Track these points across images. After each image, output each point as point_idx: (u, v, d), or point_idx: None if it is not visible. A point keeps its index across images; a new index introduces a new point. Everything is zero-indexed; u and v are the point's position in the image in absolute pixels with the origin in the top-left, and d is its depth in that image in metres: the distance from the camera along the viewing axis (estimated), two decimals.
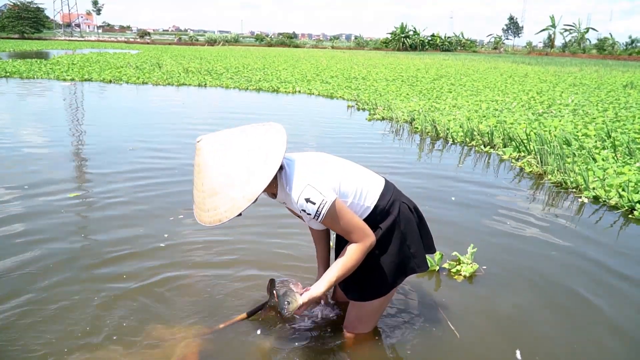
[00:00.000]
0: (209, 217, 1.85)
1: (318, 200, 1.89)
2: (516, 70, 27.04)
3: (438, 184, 5.37)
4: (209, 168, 1.83)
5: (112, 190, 4.71)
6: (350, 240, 2.03)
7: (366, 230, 2.04)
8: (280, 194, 2.04)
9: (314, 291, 1.99)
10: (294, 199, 1.92)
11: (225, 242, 3.61)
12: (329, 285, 2.00)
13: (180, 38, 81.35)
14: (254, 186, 1.80)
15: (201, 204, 1.87)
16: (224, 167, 1.82)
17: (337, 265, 2.03)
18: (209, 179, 1.83)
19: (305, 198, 1.89)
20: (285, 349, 2.43)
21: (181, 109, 10.51)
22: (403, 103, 11.30)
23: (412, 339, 2.57)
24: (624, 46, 75.98)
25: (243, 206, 1.80)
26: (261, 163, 1.83)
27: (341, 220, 1.97)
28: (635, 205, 4.63)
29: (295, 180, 1.93)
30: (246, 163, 1.83)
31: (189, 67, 20.79)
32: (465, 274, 3.28)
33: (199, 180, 1.87)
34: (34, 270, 3.09)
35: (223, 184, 1.81)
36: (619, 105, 11.65)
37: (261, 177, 1.82)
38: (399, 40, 75.53)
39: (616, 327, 2.79)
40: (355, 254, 2.02)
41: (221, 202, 1.81)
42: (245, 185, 1.80)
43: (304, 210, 1.92)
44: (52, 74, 16.06)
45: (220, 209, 1.81)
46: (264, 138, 1.90)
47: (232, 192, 1.80)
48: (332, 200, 1.92)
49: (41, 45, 42.17)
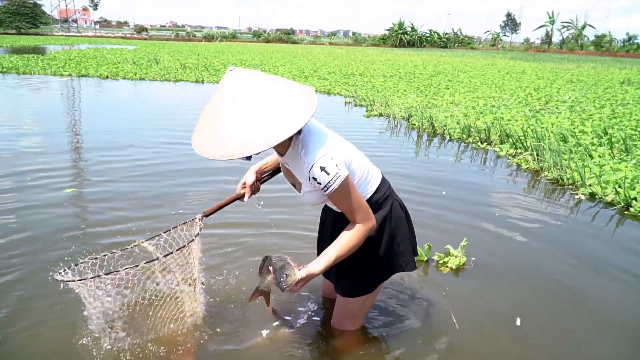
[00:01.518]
0: (220, 151, 1.69)
1: (333, 172, 1.85)
2: (514, 67, 27.06)
3: (434, 180, 5.37)
4: (235, 100, 1.70)
5: (107, 186, 4.71)
6: (352, 220, 2.00)
7: (369, 212, 2.02)
8: (289, 154, 1.96)
9: (312, 268, 1.94)
10: (308, 165, 1.86)
11: (228, 236, 3.61)
12: (328, 263, 1.96)
13: (178, 34, 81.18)
14: (279, 131, 1.69)
15: (212, 136, 1.72)
16: (254, 103, 1.70)
17: (337, 244, 1.99)
18: (234, 109, 1.70)
19: (321, 166, 1.84)
20: (280, 348, 2.44)
21: (179, 105, 10.50)
22: (400, 99, 11.30)
23: (401, 331, 2.59)
24: (621, 43, 76.09)
25: (261, 148, 1.67)
26: (292, 110, 1.74)
27: (349, 197, 1.94)
28: (631, 202, 4.64)
29: (314, 146, 1.87)
30: (279, 106, 1.72)
31: (186, 63, 20.75)
32: (452, 266, 3.33)
33: (220, 110, 1.72)
34: (27, 266, 3.09)
35: (249, 119, 1.68)
36: (615, 102, 11.67)
37: (289, 124, 1.71)
38: (396, 37, 75.57)
39: (612, 321, 2.80)
40: (357, 234, 1.99)
41: (240, 137, 1.68)
42: (271, 127, 1.69)
43: (315, 179, 1.86)
44: (49, 69, 16.01)
45: (233, 145, 1.68)
46: (298, 90, 1.82)
47: (256, 130, 1.68)
48: (345, 176, 1.89)
49: (38, 40, 42.02)
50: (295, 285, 1.91)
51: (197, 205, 4.28)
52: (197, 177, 5.09)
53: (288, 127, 1.70)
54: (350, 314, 2.40)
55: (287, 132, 1.69)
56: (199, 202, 4.39)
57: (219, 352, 2.37)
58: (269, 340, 2.48)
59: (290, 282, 1.88)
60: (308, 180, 1.91)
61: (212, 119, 1.73)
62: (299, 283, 1.91)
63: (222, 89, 1.73)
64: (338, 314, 2.44)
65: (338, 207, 2.02)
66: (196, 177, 5.11)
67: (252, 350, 2.41)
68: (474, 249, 3.59)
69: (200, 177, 5.11)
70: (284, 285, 1.88)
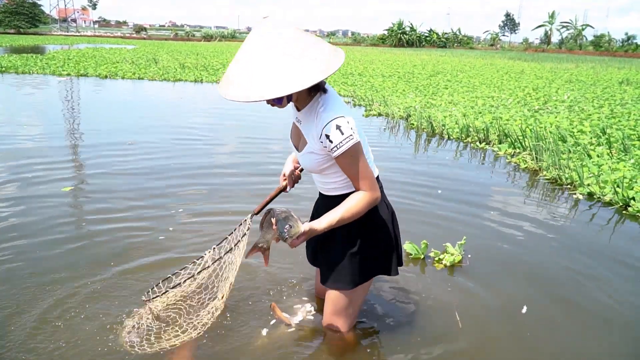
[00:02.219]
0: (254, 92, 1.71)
1: (347, 132, 1.86)
2: (512, 66, 27.07)
3: (432, 179, 5.37)
4: (271, 43, 1.73)
5: (106, 184, 4.71)
6: (358, 188, 1.99)
7: (376, 184, 2.02)
8: (306, 110, 1.98)
9: (315, 224, 1.94)
10: (324, 121, 1.87)
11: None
12: (330, 224, 1.96)
13: (177, 33, 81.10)
14: (312, 73, 1.72)
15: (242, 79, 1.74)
16: (288, 45, 1.73)
17: (342, 207, 1.99)
18: (267, 52, 1.72)
19: (337, 125, 1.86)
20: (277, 348, 2.44)
21: (178, 104, 10.51)
22: (399, 99, 11.31)
23: (397, 330, 2.59)
24: (620, 43, 76.15)
25: (296, 88, 1.70)
26: (326, 57, 1.77)
27: (358, 162, 1.94)
28: (629, 201, 4.65)
29: (334, 106, 1.90)
30: (311, 50, 1.75)
31: (185, 62, 20.74)
32: (446, 263, 3.36)
33: (251, 53, 1.75)
34: (24, 264, 3.08)
35: (284, 61, 1.71)
36: (614, 102, 11.68)
37: (323, 67, 1.74)
38: (395, 37, 75.55)
39: (610, 320, 2.81)
40: (362, 201, 1.98)
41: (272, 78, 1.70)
42: (304, 69, 1.72)
43: (328, 136, 1.87)
44: (47, 69, 15.99)
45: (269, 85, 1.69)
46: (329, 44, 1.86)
47: (291, 71, 1.71)
48: (358, 141, 1.90)
49: (37, 40, 41.99)
50: (297, 238, 1.91)
51: (199, 202, 4.28)
52: (197, 174, 5.09)
53: (328, 67, 1.75)
54: (339, 312, 2.37)
55: (323, 73, 1.73)
56: (200, 198, 4.40)
57: (216, 351, 2.37)
58: (267, 339, 2.48)
59: (293, 233, 1.87)
60: (318, 139, 1.93)
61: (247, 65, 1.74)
62: (301, 237, 1.92)
63: (255, 37, 1.77)
64: (327, 313, 2.41)
65: (345, 172, 2.00)
66: (196, 173, 5.11)
67: (251, 349, 2.41)
68: (471, 248, 3.61)
69: (200, 173, 5.11)
70: (286, 235, 1.87)
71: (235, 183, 4.96)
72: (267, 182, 4.90)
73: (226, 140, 7.22)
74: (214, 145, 6.75)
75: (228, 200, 4.43)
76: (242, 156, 6.21)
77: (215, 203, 4.38)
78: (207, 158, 6.00)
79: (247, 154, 6.33)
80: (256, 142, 7.02)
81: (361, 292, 2.34)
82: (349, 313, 2.40)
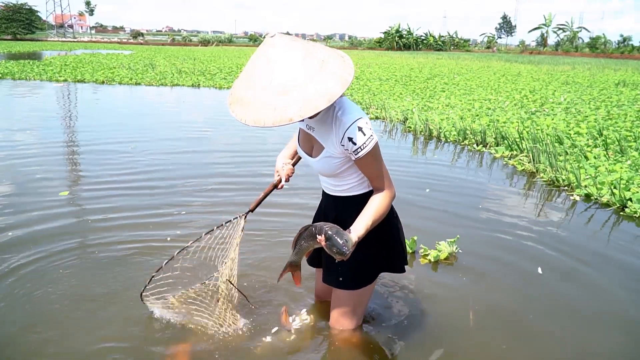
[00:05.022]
0: (276, 116, 1.66)
1: (368, 133, 1.90)
2: (509, 69, 27.15)
3: (429, 182, 5.38)
4: (286, 62, 1.70)
5: (104, 189, 4.70)
6: (378, 186, 2.04)
7: (392, 181, 2.08)
8: (322, 115, 1.96)
9: (357, 232, 1.94)
10: (345, 124, 1.88)
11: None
12: (366, 229, 1.97)
13: (174, 39, 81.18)
14: (334, 86, 1.70)
15: (264, 103, 1.69)
16: (303, 63, 1.70)
17: (370, 209, 2.01)
18: (285, 73, 1.69)
19: (359, 126, 1.88)
20: (282, 351, 2.44)
21: (176, 109, 10.51)
22: (396, 102, 11.33)
23: (396, 327, 2.59)
24: (616, 45, 76.44)
25: (321, 105, 1.66)
26: (340, 68, 1.76)
27: (379, 162, 2.01)
28: (626, 203, 4.66)
29: (351, 108, 1.92)
30: (327, 63, 1.74)
31: (182, 67, 20.75)
32: (430, 259, 3.44)
33: (266, 75, 1.71)
34: (24, 270, 3.07)
35: (301, 80, 1.68)
36: (611, 104, 11.72)
37: (341, 80, 1.72)
38: (392, 40, 75.72)
39: (608, 321, 2.82)
40: (386, 200, 2.04)
41: (295, 98, 1.67)
42: (326, 83, 1.69)
43: (351, 139, 1.89)
44: (44, 75, 15.99)
45: (294, 106, 1.66)
46: (337, 52, 1.86)
47: (310, 89, 1.67)
48: (377, 141, 1.95)
49: (34, 46, 41.99)
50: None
51: (198, 209, 4.27)
52: (196, 180, 5.09)
53: (341, 82, 1.72)
54: (345, 311, 2.40)
55: (342, 86, 1.71)
56: (200, 205, 4.40)
57: (216, 355, 2.37)
58: (270, 342, 2.47)
59: (350, 246, 1.86)
60: (339, 143, 1.93)
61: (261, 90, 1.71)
62: (352, 248, 1.89)
63: (262, 60, 1.74)
64: (334, 312, 2.45)
65: (365, 172, 2.04)
66: (195, 179, 5.10)
67: (251, 353, 2.40)
68: (466, 247, 3.64)
69: (199, 179, 5.11)
70: (346, 250, 1.84)
71: (236, 182, 4.99)
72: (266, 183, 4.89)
73: (227, 141, 7.23)
74: (215, 146, 6.75)
75: (232, 203, 4.44)
76: (242, 156, 6.24)
77: (219, 206, 4.39)
78: (205, 163, 6.00)
79: (248, 153, 6.34)
80: (256, 141, 7.03)
81: (369, 290, 2.37)
82: (357, 312, 2.43)
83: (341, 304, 2.39)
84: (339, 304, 2.40)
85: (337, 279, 2.29)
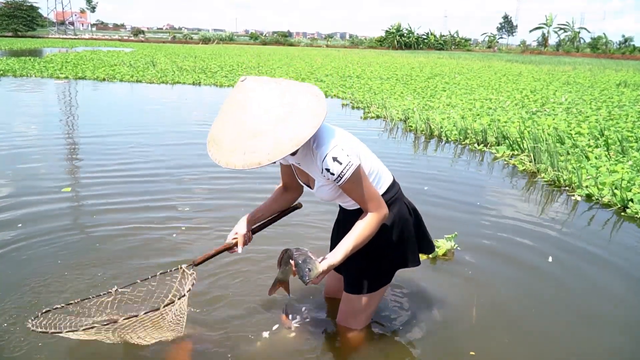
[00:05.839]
0: (246, 160, 1.71)
1: (345, 161, 1.88)
2: (510, 69, 27.14)
3: (429, 181, 5.38)
4: (256, 107, 1.73)
5: (106, 186, 4.70)
6: (365, 209, 2.03)
7: (382, 201, 2.06)
8: (302, 151, 1.98)
9: (332, 259, 1.97)
10: (321, 157, 1.89)
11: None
12: (346, 253, 1.99)
13: (175, 36, 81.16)
14: (303, 130, 1.73)
15: (235, 145, 1.74)
16: (272, 108, 1.73)
17: (353, 234, 2.02)
18: (254, 118, 1.72)
19: (333, 157, 1.88)
20: (281, 348, 2.44)
21: (178, 107, 10.50)
22: (397, 102, 11.32)
23: (399, 325, 2.59)
24: (617, 45, 76.41)
25: (288, 150, 1.70)
26: (310, 109, 1.78)
27: (362, 186, 1.97)
28: (627, 203, 4.65)
29: (325, 138, 1.91)
30: (296, 107, 1.76)
31: (183, 65, 20.74)
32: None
33: (240, 118, 1.74)
34: (26, 265, 3.07)
35: (269, 125, 1.71)
36: (612, 104, 11.72)
37: (311, 122, 1.75)
38: (393, 39, 75.68)
39: (608, 321, 2.81)
40: (371, 223, 2.02)
41: (264, 143, 1.70)
42: (295, 127, 1.72)
43: (328, 170, 1.89)
44: (45, 72, 15.98)
45: (263, 151, 1.70)
46: (310, 89, 1.87)
47: (279, 134, 1.71)
48: (357, 165, 1.92)
49: (35, 43, 41.95)
50: (317, 277, 1.94)
51: (197, 207, 4.27)
52: (197, 178, 5.08)
53: (311, 124, 1.75)
54: (356, 312, 2.41)
55: (311, 128, 1.74)
56: (206, 197, 4.41)
57: (217, 352, 2.37)
58: (270, 340, 2.47)
59: (313, 275, 1.91)
60: (321, 173, 1.95)
61: (233, 134, 1.75)
62: (320, 276, 1.94)
63: (234, 103, 1.77)
64: (343, 312, 2.45)
65: (351, 197, 2.04)
66: (196, 177, 5.10)
67: (253, 349, 2.40)
68: (467, 245, 3.65)
69: (199, 177, 5.11)
70: (307, 279, 1.90)
71: (237, 182, 4.98)
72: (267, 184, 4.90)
73: None
74: None
75: (233, 198, 4.47)
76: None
77: (220, 199, 4.45)
78: (204, 163, 5.99)
79: None
80: None
81: (381, 292, 2.39)
82: (367, 312, 2.44)
83: (350, 305, 2.40)
84: (348, 305, 2.41)
85: (353, 285, 2.31)
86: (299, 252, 2.01)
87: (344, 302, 2.43)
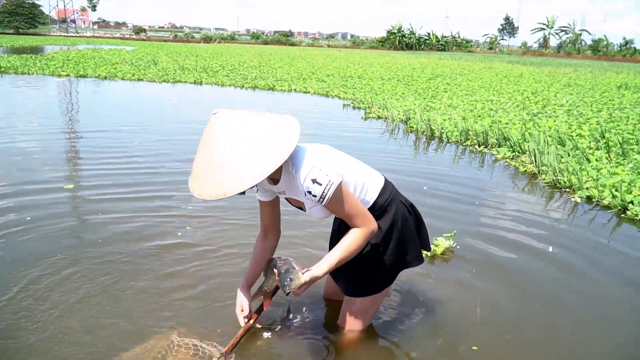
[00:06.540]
0: (214, 190, 1.79)
1: (324, 181, 1.89)
2: (511, 70, 27.14)
3: (429, 181, 5.38)
4: (223, 141, 1.79)
5: (109, 183, 4.70)
6: (353, 225, 2.04)
7: (369, 216, 2.06)
8: (283, 178, 2.01)
9: (315, 271, 1.98)
10: (300, 180, 1.91)
11: (232, 238, 3.63)
12: (330, 267, 2.00)
13: (176, 35, 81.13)
14: (266, 165, 1.77)
15: (206, 176, 1.81)
16: (239, 141, 1.78)
17: (339, 247, 2.03)
18: (219, 152, 1.78)
19: (312, 179, 1.89)
20: (280, 348, 2.44)
21: (179, 105, 10.52)
22: (398, 102, 11.32)
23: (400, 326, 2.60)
24: (618, 47, 76.40)
25: (249, 184, 1.76)
26: (276, 143, 1.81)
27: (346, 203, 1.97)
28: (627, 205, 4.66)
29: (302, 161, 1.92)
30: (262, 141, 1.79)
31: (184, 64, 20.75)
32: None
33: (209, 151, 1.81)
34: (29, 264, 3.08)
35: (234, 158, 1.77)
36: (613, 106, 11.72)
37: (275, 157, 1.78)
38: (395, 40, 75.69)
39: (607, 322, 2.82)
40: (358, 238, 2.03)
41: (228, 176, 1.77)
42: (258, 162, 1.76)
43: (310, 192, 1.91)
44: (47, 69, 15.99)
45: (227, 183, 1.76)
46: (281, 122, 1.89)
47: (242, 168, 1.76)
48: (338, 183, 1.92)
49: (36, 41, 41.99)
50: (299, 288, 1.95)
51: (202, 203, 4.28)
52: None
53: (275, 159, 1.79)
54: (357, 314, 2.42)
55: (274, 163, 1.78)
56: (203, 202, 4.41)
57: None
58: (270, 340, 2.48)
59: (294, 286, 1.92)
60: (305, 196, 1.97)
61: (205, 164, 1.82)
62: (303, 286, 1.96)
63: (207, 136, 1.84)
64: (344, 313, 2.46)
65: (337, 215, 2.06)
66: None
67: (253, 349, 2.41)
68: (466, 244, 3.67)
69: None
70: (287, 289, 1.92)
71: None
72: None
73: None
74: None
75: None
76: None
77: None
78: None
79: None
80: None
81: (383, 294, 2.39)
82: (369, 314, 2.46)
83: (352, 307, 2.41)
84: (350, 307, 2.42)
85: (351, 287, 2.32)
86: (282, 261, 2.02)
87: (346, 303, 2.44)
